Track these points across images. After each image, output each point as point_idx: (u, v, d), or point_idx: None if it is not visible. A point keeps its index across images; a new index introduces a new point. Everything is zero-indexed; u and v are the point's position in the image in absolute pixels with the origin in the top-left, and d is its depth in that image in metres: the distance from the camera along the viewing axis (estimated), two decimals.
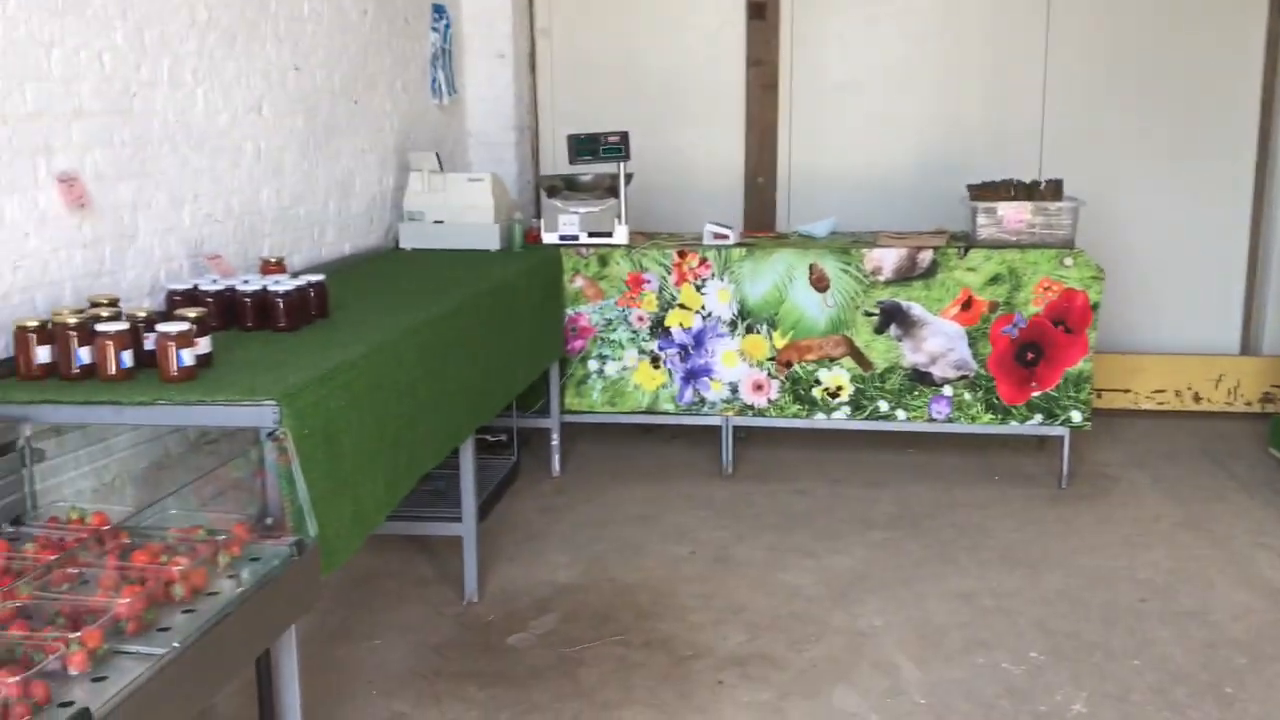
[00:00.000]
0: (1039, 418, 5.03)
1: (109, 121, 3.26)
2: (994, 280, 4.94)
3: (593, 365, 5.31)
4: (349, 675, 3.48)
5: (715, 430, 5.41)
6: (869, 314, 5.09)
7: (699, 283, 5.19)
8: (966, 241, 5.09)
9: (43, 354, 2.70)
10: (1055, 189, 5.05)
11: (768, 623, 3.80)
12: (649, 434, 5.97)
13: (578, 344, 5.30)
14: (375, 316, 3.49)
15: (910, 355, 5.09)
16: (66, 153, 3.08)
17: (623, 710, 3.26)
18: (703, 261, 5.17)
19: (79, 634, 1.90)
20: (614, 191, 5.29)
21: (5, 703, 1.72)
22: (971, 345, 5.02)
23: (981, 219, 5.01)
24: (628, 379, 5.30)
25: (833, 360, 5.15)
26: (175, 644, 1.99)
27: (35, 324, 2.70)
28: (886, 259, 5.03)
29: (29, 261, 2.93)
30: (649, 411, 5.33)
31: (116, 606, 2.02)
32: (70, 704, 1.79)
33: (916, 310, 5.04)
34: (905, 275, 5.03)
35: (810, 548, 4.45)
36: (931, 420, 5.12)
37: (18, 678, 1.75)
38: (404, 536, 4.44)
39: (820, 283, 5.10)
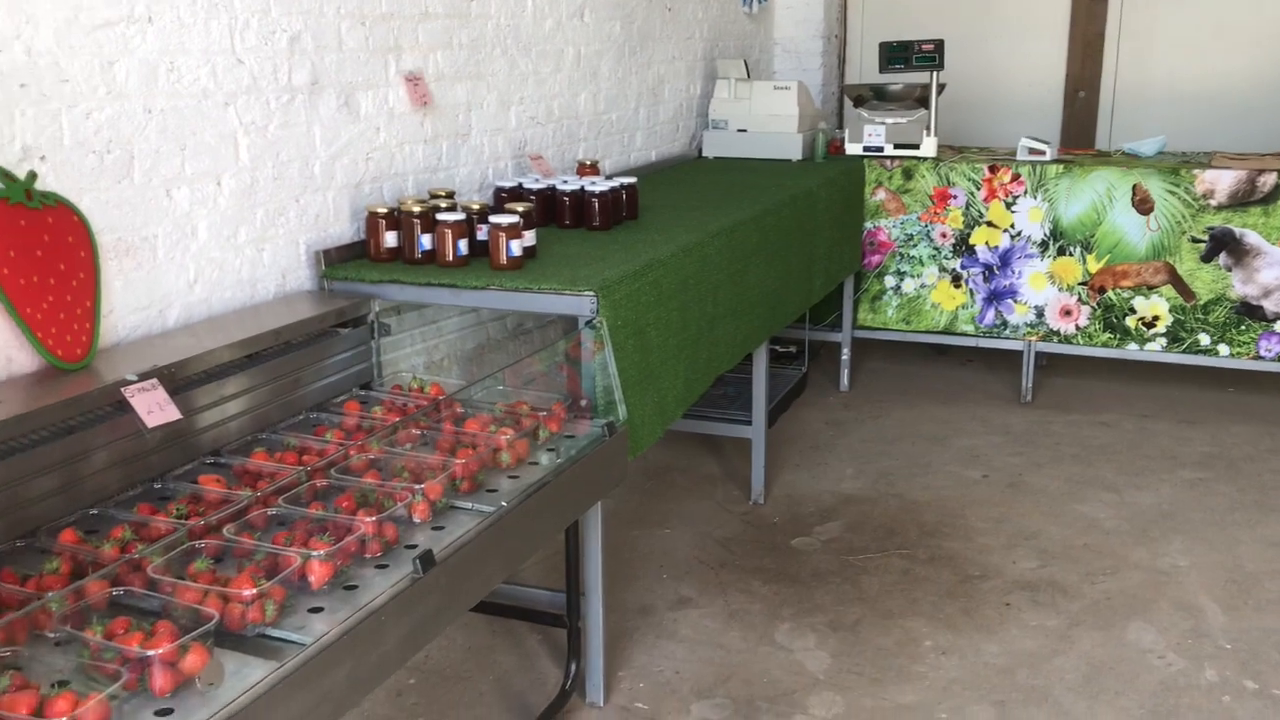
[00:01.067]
0: None
1: (449, 24, 3.48)
2: None
3: (889, 281, 5.24)
4: (641, 557, 3.67)
5: (1015, 355, 5.23)
6: (1196, 240, 4.74)
7: (1009, 200, 4.99)
8: None
9: (390, 239, 2.96)
10: None
11: (1060, 551, 3.70)
12: (943, 355, 5.84)
13: (875, 259, 5.24)
14: (681, 219, 3.59)
15: (1240, 287, 4.71)
16: (413, 53, 3.32)
17: (906, 620, 3.28)
18: (1015, 178, 4.97)
19: (423, 486, 2.12)
20: (924, 102, 5.14)
21: (363, 539, 1.95)
22: None
23: None
24: (925, 297, 5.20)
25: (1151, 288, 4.85)
26: (503, 504, 2.18)
27: (385, 210, 2.97)
28: (1221, 181, 4.65)
29: (379, 154, 3.20)
30: (946, 332, 5.22)
31: (454, 466, 2.22)
32: (414, 546, 2.00)
33: (1251, 239, 4.65)
34: (1242, 200, 4.64)
35: (1111, 482, 4.26)
36: (1259, 358, 4.74)
37: (374, 518, 1.97)
38: (696, 435, 4.59)
39: (1144, 205, 4.79)
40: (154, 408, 2.13)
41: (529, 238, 2.95)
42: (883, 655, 3.11)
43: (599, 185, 3.49)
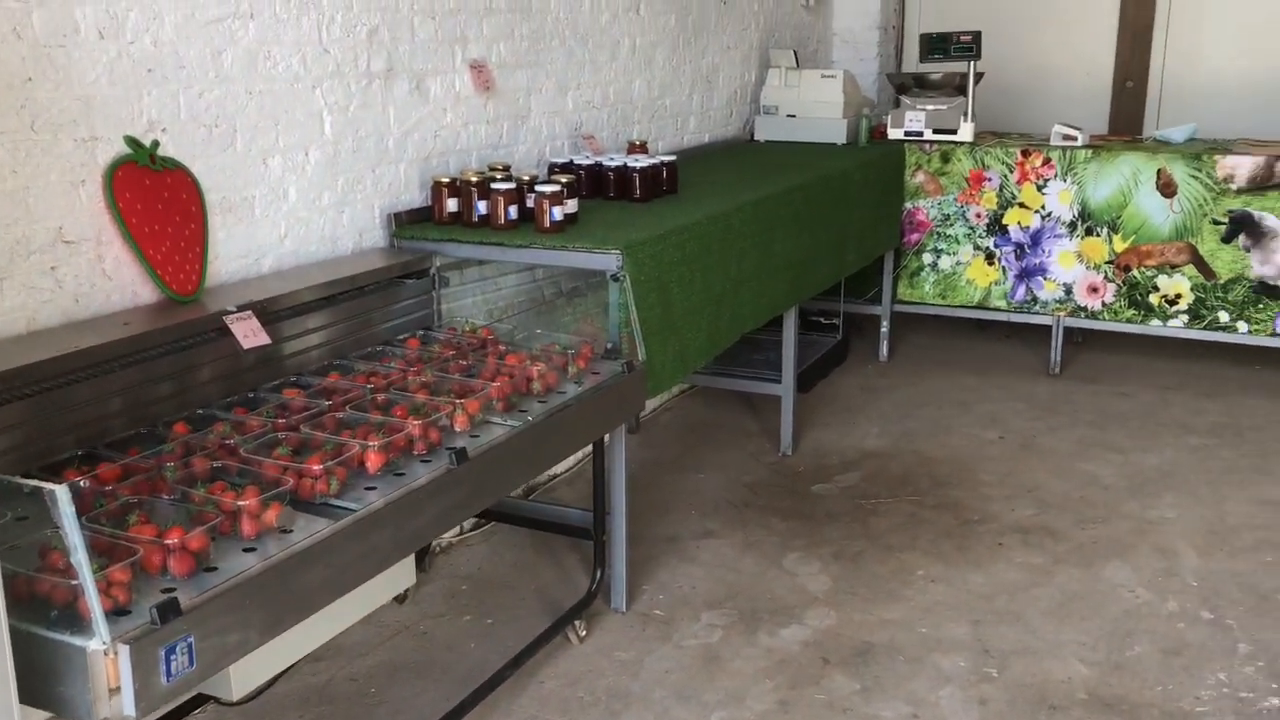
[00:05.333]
0: None
1: (511, 18, 3.93)
2: None
3: (927, 258, 5.57)
4: (674, 495, 4.10)
5: (1048, 331, 5.53)
6: (1217, 222, 4.99)
7: (1041, 183, 5.29)
8: None
9: (451, 204, 3.43)
10: None
11: (1058, 502, 4.03)
12: (983, 331, 6.15)
13: (914, 237, 5.57)
14: (716, 194, 4.00)
15: (1258, 267, 4.96)
16: (477, 43, 3.78)
17: (904, 554, 3.66)
18: (1046, 162, 5.27)
19: (463, 401, 2.58)
20: (963, 90, 5.46)
21: (410, 438, 2.42)
22: None
23: None
24: (960, 274, 5.52)
25: (1174, 267, 5.12)
26: (529, 419, 2.63)
27: (447, 180, 3.44)
28: (1241, 167, 4.90)
29: (445, 132, 3.67)
30: (980, 307, 5.54)
31: (490, 388, 2.68)
32: (453, 448, 2.46)
33: (1270, 221, 4.89)
34: (1261, 184, 4.88)
35: (1120, 445, 4.57)
36: (1275, 335, 4.98)
37: (420, 421, 2.43)
38: (735, 394, 5.00)
39: (1167, 188, 5.06)
40: (249, 333, 2.62)
41: (571, 205, 3.40)
42: (878, 581, 3.50)
43: (641, 161, 3.92)
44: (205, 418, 2.51)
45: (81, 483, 1.91)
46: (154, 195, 2.64)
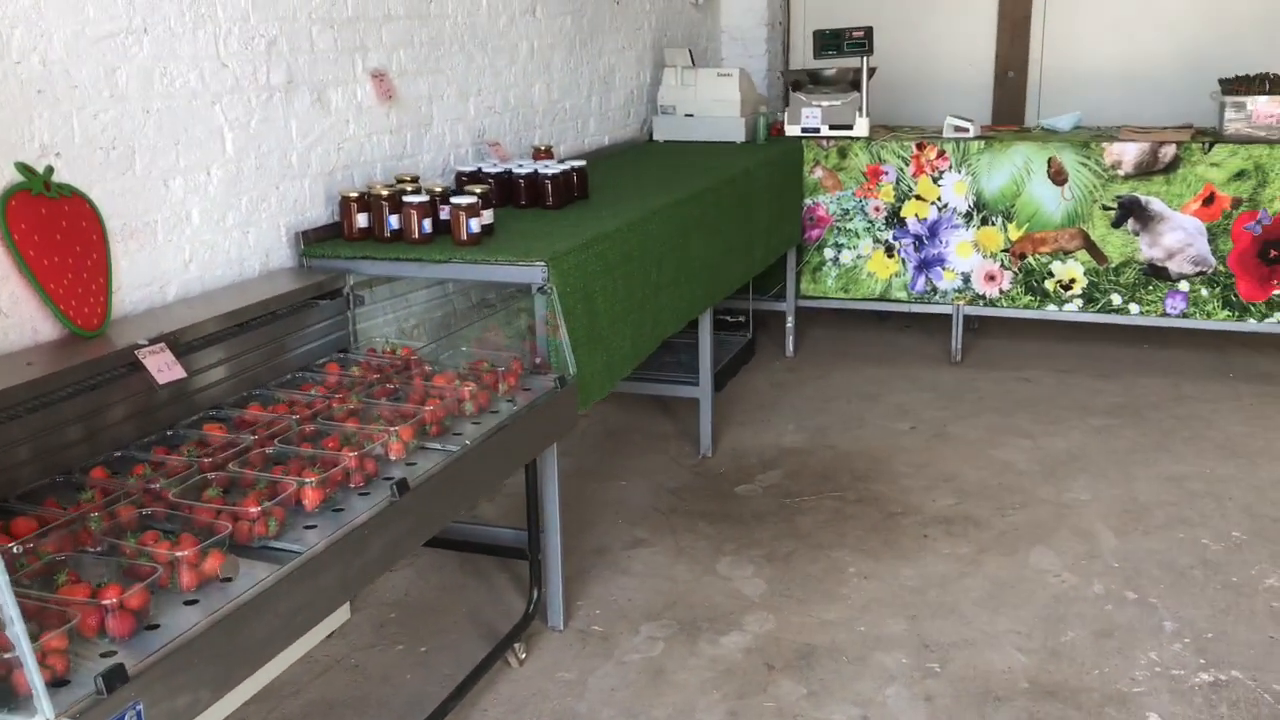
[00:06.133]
0: (1279, 316, 4.99)
1: (410, 24, 3.82)
2: (1238, 176, 4.90)
3: (828, 253, 5.62)
4: (600, 506, 4.05)
5: (947, 320, 5.63)
6: (1106, 208, 5.15)
7: (936, 175, 5.38)
8: (1213, 137, 5.04)
9: (361, 220, 3.31)
10: None
11: (976, 490, 4.10)
12: (883, 322, 6.24)
13: (815, 232, 5.62)
14: (628, 198, 3.95)
15: (1147, 250, 5.13)
16: (377, 51, 3.66)
17: (834, 551, 3.68)
18: (941, 154, 5.36)
19: (397, 428, 2.48)
20: (856, 85, 5.51)
21: (347, 470, 2.31)
22: (1211, 241, 5.01)
23: (1230, 113, 4.95)
24: (862, 267, 5.59)
25: (1067, 253, 5.26)
26: (466, 443, 2.55)
27: (356, 195, 3.31)
28: (1127, 153, 5.06)
29: (349, 144, 3.54)
30: (881, 299, 5.61)
31: (424, 412, 2.58)
32: (391, 478, 2.36)
33: (1156, 205, 5.07)
34: (1146, 170, 5.05)
35: (1028, 429, 4.67)
36: (1165, 315, 5.17)
37: (356, 453, 2.33)
38: (649, 397, 4.97)
39: (1058, 176, 5.19)
40: (163, 367, 2.48)
41: (487, 216, 3.31)
42: (811, 581, 3.50)
43: (551, 168, 3.85)
44: (124, 460, 2.36)
45: (14, 548, 1.76)
46: (51, 225, 2.47)
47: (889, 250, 5.53)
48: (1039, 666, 3.01)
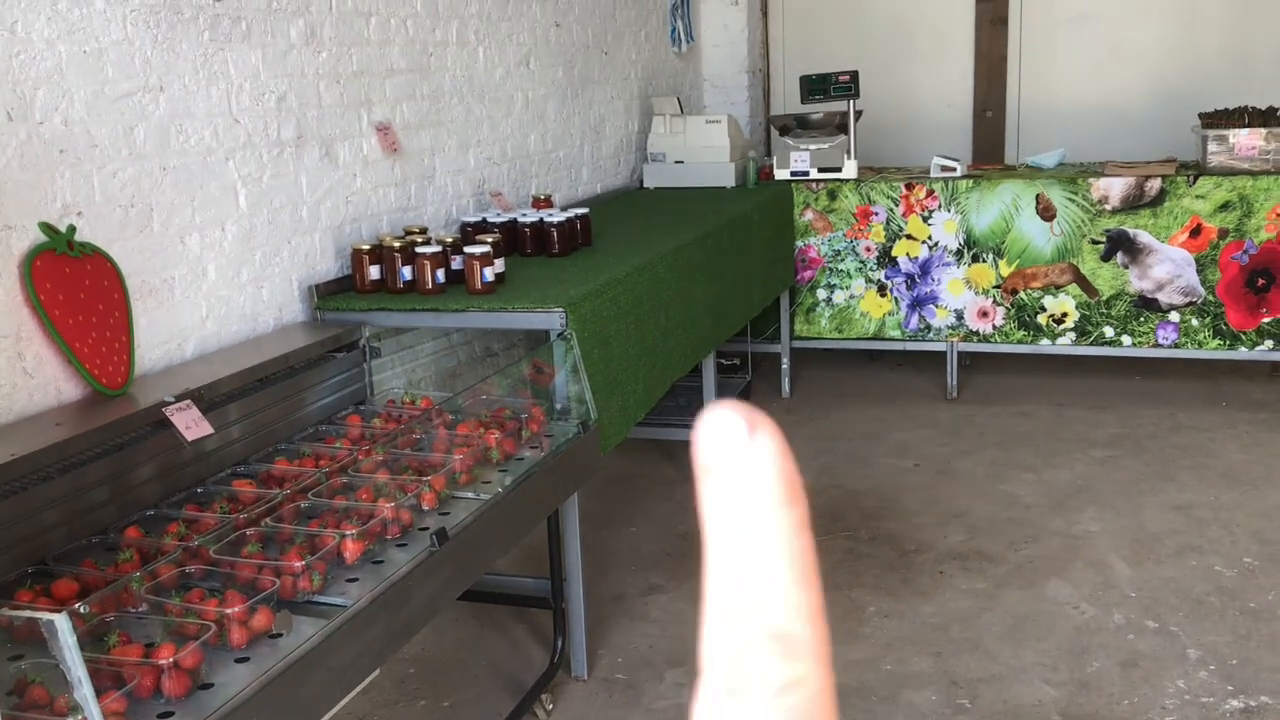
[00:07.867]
0: (1269, 344, 5.06)
1: (412, 78, 3.84)
2: (1223, 207, 4.99)
3: (821, 294, 5.66)
4: (611, 552, 4.02)
5: (940, 356, 5.67)
6: (1095, 242, 5.22)
7: (926, 214, 5.45)
8: (1196, 170, 5.14)
9: (374, 271, 3.30)
10: None
11: (986, 525, 4.11)
12: (875, 360, 6.28)
13: (807, 274, 5.66)
14: (631, 244, 3.97)
15: (1136, 282, 5.20)
16: (381, 105, 3.68)
17: (851, 590, 3.67)
18: (930, 193, 5.42)
19: (429, 479, 2.46)
20: (843, 128, 5.59)
21: (384, 522, 2.29)
22: (1200, 272, 5.09)
23: (1212, 146, 5.05)
24: (855, 307, 5.63)
25: (1058, 287, 5.32)
26: (498, 490, 2.53)
27: (368, 247, 3.31)
28: (1113, 188, 5.15)
29: (356, 197, 3.54)
30: (875, 338, 5.65)
31: (454, 462, 2.57)
32: (426, 529, 2.34)
33: (1144, 238, 5.15)
34: (1133, 204, 5.13)
35: (1031, 463, 4.70)
36: (1157, 345, 5.23)
37: (393, 504, 2.31)
38: (652, 441, 4.96)
39: (1047, 212, 5.27)
40: (191, 424, 2.45)
41: (499, 265, 3.32)
42: (832, 621, 3.46)
43: (556, 216, 3.87)
44: (156, 519, 2.33)
45: (81, 608, 1.73)
46: (75, 284, 2.45)
47: (881, 290, 5.57)
48: (1069, 699, 3.01)
